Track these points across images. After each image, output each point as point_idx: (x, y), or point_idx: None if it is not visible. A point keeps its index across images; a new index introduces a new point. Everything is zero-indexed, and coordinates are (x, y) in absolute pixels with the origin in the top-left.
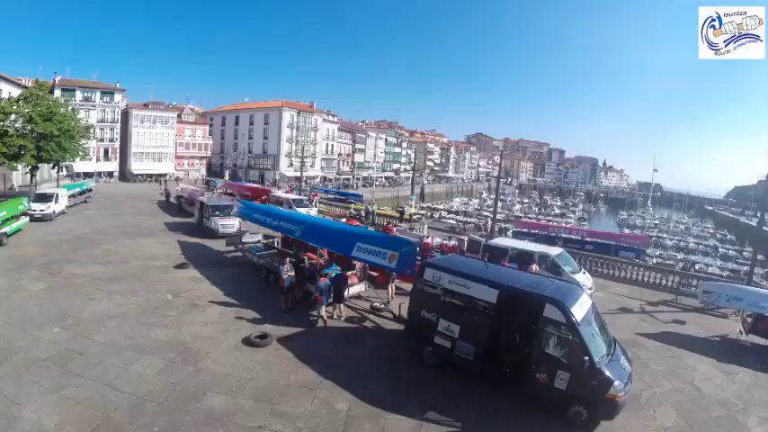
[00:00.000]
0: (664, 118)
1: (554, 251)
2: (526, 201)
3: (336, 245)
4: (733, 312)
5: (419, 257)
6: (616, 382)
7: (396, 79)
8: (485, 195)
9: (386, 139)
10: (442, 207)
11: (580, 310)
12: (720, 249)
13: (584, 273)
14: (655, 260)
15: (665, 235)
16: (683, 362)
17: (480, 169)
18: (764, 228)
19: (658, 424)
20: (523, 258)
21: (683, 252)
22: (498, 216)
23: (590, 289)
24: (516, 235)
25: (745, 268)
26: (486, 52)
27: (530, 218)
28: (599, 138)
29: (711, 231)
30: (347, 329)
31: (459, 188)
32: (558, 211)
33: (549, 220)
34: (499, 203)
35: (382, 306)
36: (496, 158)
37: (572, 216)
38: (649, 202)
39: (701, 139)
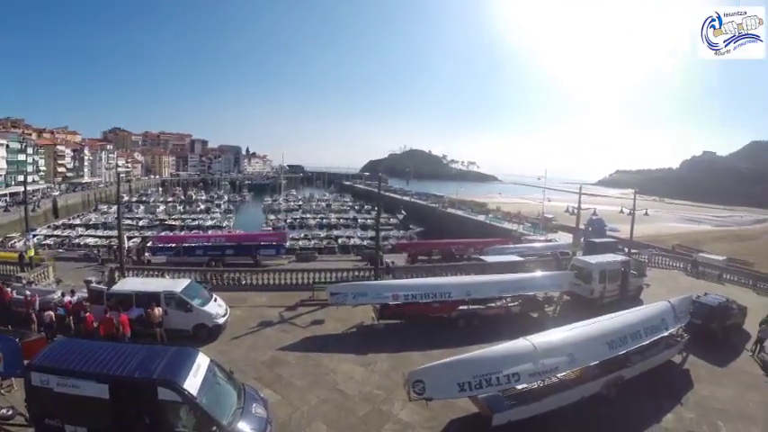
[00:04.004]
0: (309, 103)
1: (180, 285)
2: (170, 199)
3: None
4: None
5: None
6: None
7: (22, 65)
8: (126, 199)
9: (7, 146)
10: (78, 222)
11: (195, 380)
12: (360, 220)
13: (215, 300)
14: (301, 242)
15: (308, 215)
16: (325, 367)
17: (120, 169)
18: (383, 192)
19: None
20: (149, 302)
21: (326, 229)
22: (142, 222)
23: (224, 316)
24: (155, 251)
25: (383, 234)
26: (117, 35)
27: (174, 219)
28: (242, 125)
29: (350, 204)
30: None
31: (98, 194)
32: (203, 207)
33: (194, 219)
34: (141, 206)
35: (10, 413)
36: (136, 155)
37: (218, 210)
38: (283, 185)
39: (343, 123)
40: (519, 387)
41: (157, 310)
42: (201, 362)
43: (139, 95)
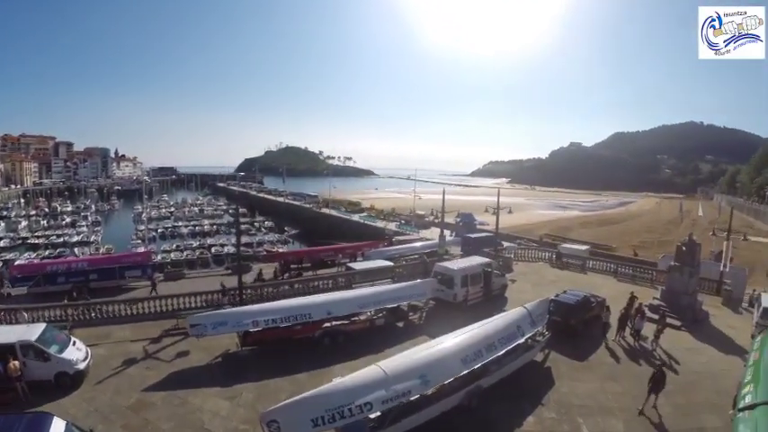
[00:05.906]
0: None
1: (35, 332)
2: (33, 213)
3: None
4: None
5: None
6: None
7: None
8: None
9: None
10: None
11: None
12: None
13: (74, 344)
14: (173, 255)
15: (180, 223)
16: (191, 405)
17: None
18: (256, 194)
19: None
20: (4, 354)
21: (199, 237)
22: (3, 242)
23: (84, 360)
24: (15, 282)
25: (258, 239)
26: None
27: (38, 236)
28: (110, 124)
29: (225, 208)
30: None
31: None
32: (68, 220)
33: (59, 236)
34: (2, 223)
35: None
36: None
37: (85, 223)
38: (154, 189)
39: (217, 119)
40: (372, 416)
41: (14, 364)
42: (57, 428)
43: None
